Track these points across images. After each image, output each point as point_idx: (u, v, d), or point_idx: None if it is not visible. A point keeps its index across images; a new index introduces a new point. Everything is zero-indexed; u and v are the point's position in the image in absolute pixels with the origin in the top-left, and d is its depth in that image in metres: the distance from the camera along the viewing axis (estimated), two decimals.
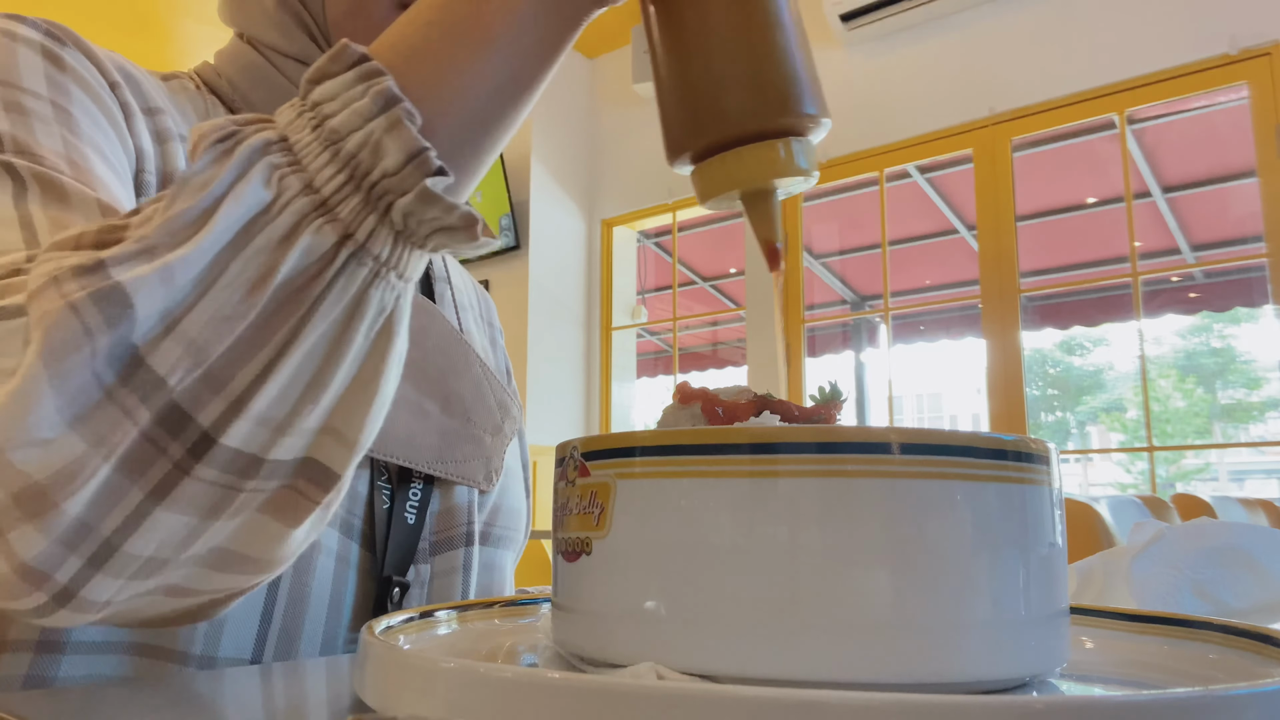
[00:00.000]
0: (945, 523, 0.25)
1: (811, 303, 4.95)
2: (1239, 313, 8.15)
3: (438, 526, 0.57)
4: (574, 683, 0.21)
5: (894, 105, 3.16)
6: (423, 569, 0.55)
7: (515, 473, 0.68)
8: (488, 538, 0.61)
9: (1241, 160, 3.34)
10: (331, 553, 0.50)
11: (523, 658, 0.35)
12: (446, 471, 0.56)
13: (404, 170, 0.31)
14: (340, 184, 0.31)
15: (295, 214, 0.31)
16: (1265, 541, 0.61)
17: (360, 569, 0.52)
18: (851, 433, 0.26)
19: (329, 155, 0.32)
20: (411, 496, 0.55)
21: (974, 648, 0.25)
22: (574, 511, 0.29)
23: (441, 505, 0.57)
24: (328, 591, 0.50)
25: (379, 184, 0.31)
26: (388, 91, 0.32)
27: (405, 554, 0.54)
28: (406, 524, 0.55)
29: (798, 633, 0.25)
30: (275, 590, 0.48)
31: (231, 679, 0.39)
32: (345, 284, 0.31)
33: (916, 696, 0.19)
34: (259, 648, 0.47)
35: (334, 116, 0.32)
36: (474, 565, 0.57)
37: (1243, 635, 0.31)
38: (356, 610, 0.52)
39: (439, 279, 0.67)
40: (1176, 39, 2.67)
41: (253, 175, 0.31)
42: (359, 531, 0.52)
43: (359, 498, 0.53)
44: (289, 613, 0.48)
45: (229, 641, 0.46)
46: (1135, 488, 8.68)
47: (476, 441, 0.59)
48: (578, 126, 3.98)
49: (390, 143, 0.31)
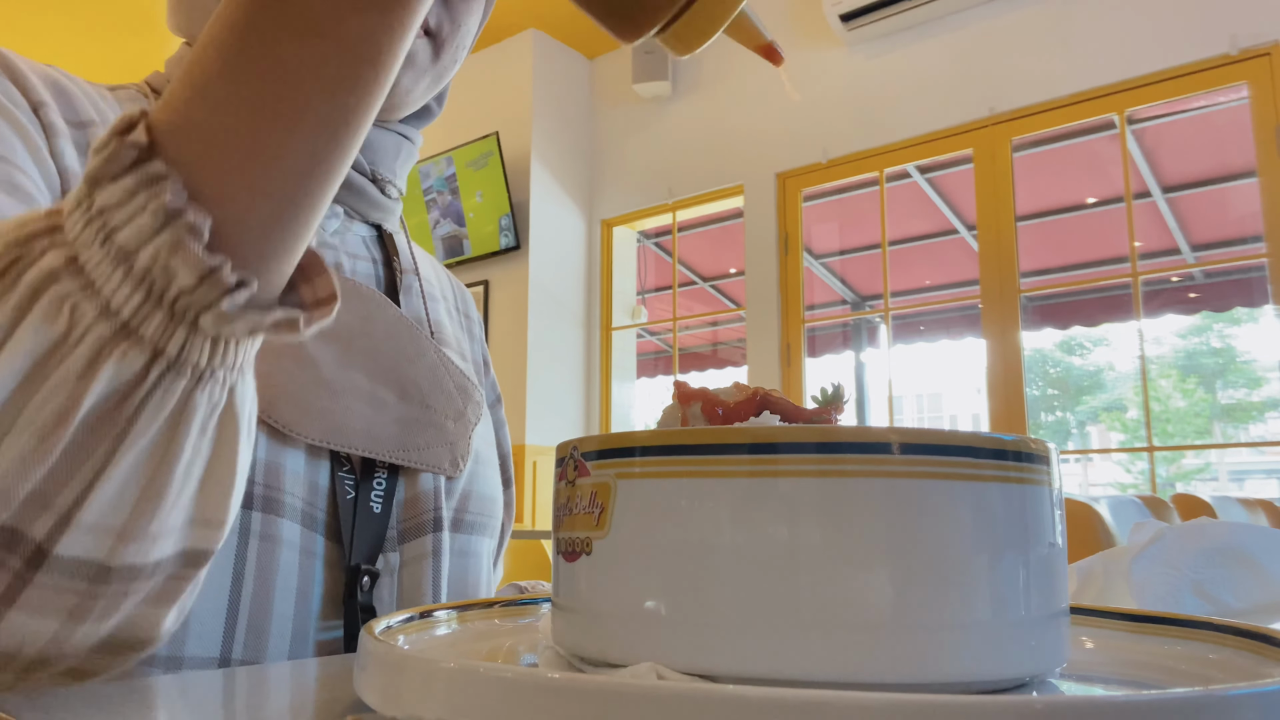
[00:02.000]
0: (945, 523, 0.25)
1: (811, 303, 4.95)
2: (1239, 313, 8.15)
3: (404, 514, 0.57)
4: (574, 683, 0.21)
5: (894, 105, 3.16)
6: (392, 557, 0.56)
7: (489, 460, 0.68)
8: (460, 524, 0.61)
9: (1241, 160, 3.34)
10: (294, 546, 0.51)
11: (523, 658, 0.35)
12: (410, 460, 0.57)
13: (199, 290, 0.29)
14: (139, 303, 0.29)
15: (94, 344, 0.29)
16: (1265, 541, 0.61)
17: (327, 560, 0.53)
18: (851, 433, 0.26)
19: (122, 274, 0.29)
20: (376, 486, 0.56)
21: (974, 648, 0.25)
22: (574, 511, 0.29)
23: (407, 493, 0.57)
24: (294, 584, 0.51)
25: (179, 300, 0.29)
26: (168, 206, 0.28)
27: (373, 543, 0.55)
28: (372, 513, 0.55)
29: (798, 633, 0.25)
30: (239, 587, 0.48)
31: (231, 679, 0.39)
32: (162, 397, 0.30)
33: (916, 696, 0.19)
34: (227, 646, 0.48)
35: (121, 230, 0.29)
36: (444, 550, 0.58)
37: (1243, 635, 0.31)
38: (326, 600, 0.52)
39: (407, 270, 0.66)
40: (1176, 39, 2.67)
41: (38, 309, 0.29)
42: (323, 524, 0.53)
43: (320, 490, 0.53)
44: (255, 609, 0.49)
45: (195, 642, 0.47)
46: (1135, 488, 8.68)
47: (438, 428, 0.59)
48: (578, 126, 3.98)
49: (178, 264, 0.28)
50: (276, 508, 0.50)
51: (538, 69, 3.81)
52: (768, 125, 3.47)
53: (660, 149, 3.78)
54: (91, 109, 0.53)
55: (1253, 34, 2.56)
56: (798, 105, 3.40)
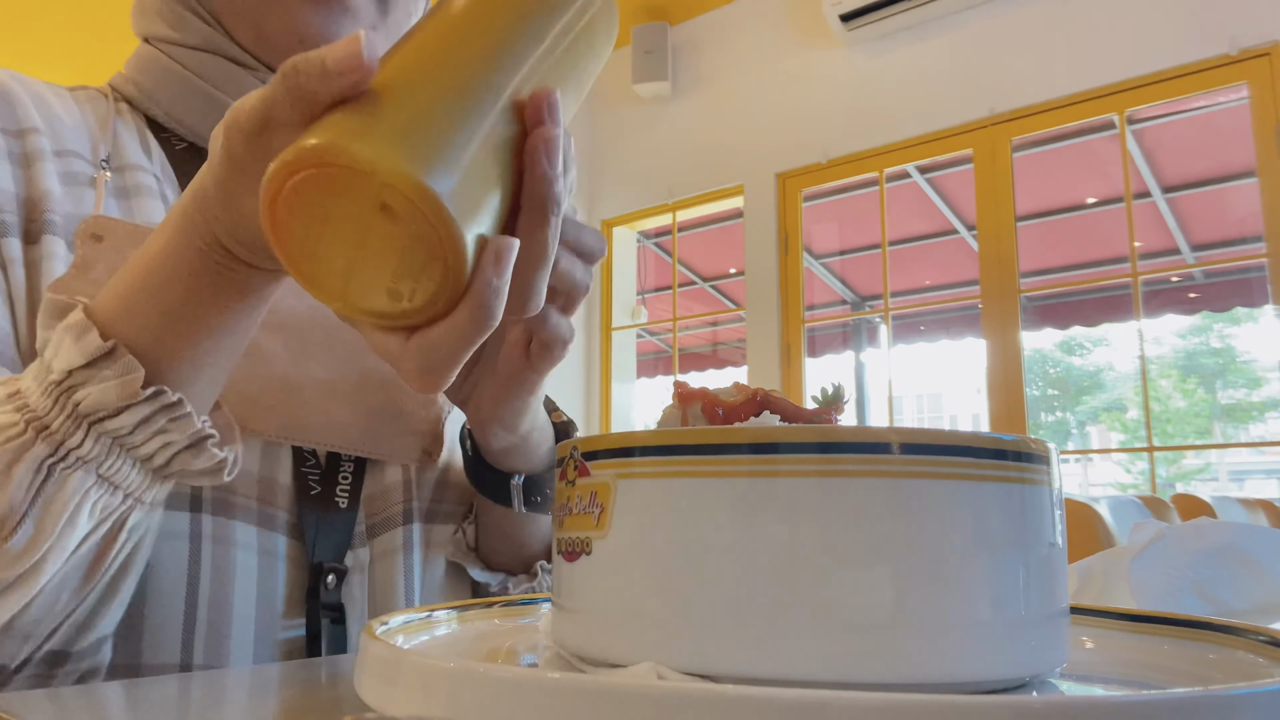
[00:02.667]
0: (945, 523, 0.25)
1: (811, 303, 4.95)
2: (1239, 313, 8.15)
3: (372, 508, 0.56)
4: (574, 683, 0.21)
5: (894, 105, 3.16)
6: (361, 553, 0.55)
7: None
8: (435, 514, 0.60)
9: (1241, 160, 3.33)
10: (251, 547, 0.51)
11: (523, 658, 0.35)
12: (378, 452, 0.55)
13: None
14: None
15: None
16: (1265, 541, 0.61)
17: (290, 559, 0.52)
18: (851, 433, 0.26)
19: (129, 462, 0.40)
20: (342, 481, 0.55)
21: (974, 648, 0.25)
22: (574, 511, 0.29)
23: (375, 486, 0.56)
24: (253, 586, 0.50)
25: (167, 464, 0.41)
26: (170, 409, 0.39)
27: (339, 539, 0.54)
28: (339, 509, 0.54)
29: (798, 633, 0.25)
30: (195, 592, 0.48)
31: (230, 680, 0.39)
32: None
33: (916, 696, 0.19)
34: (186, 652, 0.47)
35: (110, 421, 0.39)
36: (415, 543, 0.57)
37: (1243, 635, 0.31)
38: (290, 600, 0.52)
39: None
40: (1176, 39, 2.67)
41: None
42: (284, 522, 0.52)
43: (280, 488, 0.53)
44: (214, 613, 0.49)
45: (150, 649, 0.47)
46: (1135, 488, 8.68)
47: (406, 416, 0.57)
48: (578, 126, 3.97)
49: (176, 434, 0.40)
50: (227, 509, 0.50)
51: None
52: (768, 125, 3.47)
53: (660, 149, 3.78)
54: (33, 114, 0.54)
55: (1253, 34, 2.56)
56: (797, 105, 3.40)
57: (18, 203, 0.50)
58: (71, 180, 0.53)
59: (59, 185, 0.52)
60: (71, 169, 0.54)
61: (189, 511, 0.49)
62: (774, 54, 3.49)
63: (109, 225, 0.50)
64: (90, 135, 0.56)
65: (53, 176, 0.52)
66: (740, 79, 3.56)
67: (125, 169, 0.56)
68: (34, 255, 0.50)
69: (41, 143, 0.53)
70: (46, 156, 0.52)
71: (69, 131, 0.55)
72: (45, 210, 0.51)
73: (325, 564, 0.52)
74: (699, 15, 3.71)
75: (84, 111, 0.58)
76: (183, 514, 0.49)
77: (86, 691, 0.36)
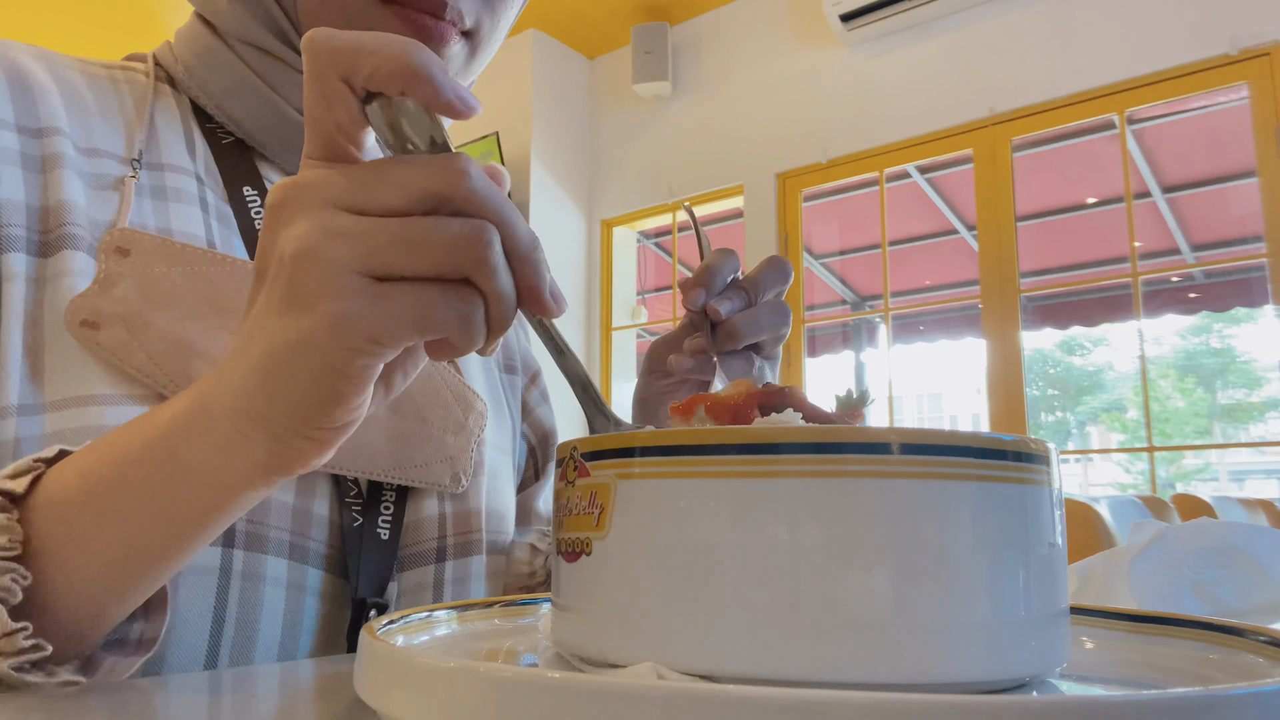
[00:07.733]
0: (945, 523, 0.25)
1: (811, 303, 4.95)
2: (1239, 313, 8.14)
3: (407, 539, 0.54)
4: (574, 683, 0.21)
5: (894, 105, 3.16)
6: (391, 586, 0.52)
7: (500, 471, 0.63)
8: (466, 547, 0.57)
9: (1241, 160, 3.34)
10: (280, 582, 0.48)
11: (523, 658, 0.35)
12: (408, 478, 0.53)
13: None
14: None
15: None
16: (1265, 541, 0.61)
17: (325, 594, 0.50)
18: (851, 433, 0.26)
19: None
20: (384, 510, 0.52)
21: (974, 648, 0.25)
22: (574, 511, 0.29)
23: (411, 517, 0.54)
24: (279, 624, 0.48)
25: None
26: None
27: (382, 572, 0.51)
28: (380, 540, 0.52)
29: (798, 633, 0.25)
30: (220, 634, 0.45)
31: (232, 680, 0.39)
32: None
33: (916, 696, 0.19)
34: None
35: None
36: (446, 581, 0.55)
37: (1243, 635, 0.31)
38: (321, 639, 0.50)
39: None
40: (1176, 39, 2.67)
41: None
42: (321, 556, 0.50)
43: (318, 520, 0.50)
44: (236, 655, 0.46)
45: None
46: (1135, 488, 8.67)
47: (437, 442, 0.55)
48: (578, 126, 3.97)
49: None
50: (261, 544, 0.47)
51: (538, 69, 3.81)
52: (768, 125, 3.47)
53: (660, 149, 3.78)
54: (59, 111, 0.50)
55: (1253, 34, 2.56)
56: (797, 105, 3.40)
57: (28, 213, 0.47)
58: (99, 184, 0.49)
59: (83, 191, 0.48)
60: (100, 170, 0.50)
61: (221, 546, 0.46)
62: (774, 54, 3.50)
63: (136, 239, 0.48)
64: (126, 125, 0.53)
65: (75, 183, 0.48)
66: (740, 79, 3.56)
67: (162, 168, 0.52)
68: (47, 271, 0.46)
69: (64, 145, 0.49)
70: (69, 161, 0.48)
71: (100, 125, 0.52)
72: (64, 223, 0.47)
73: (368, 599, 0.50)
74: (699, 15, 3.72)
75: (121, 96, 0.54)
76: (214, 548, 0.46)
77: (86, 691, 0.36)
